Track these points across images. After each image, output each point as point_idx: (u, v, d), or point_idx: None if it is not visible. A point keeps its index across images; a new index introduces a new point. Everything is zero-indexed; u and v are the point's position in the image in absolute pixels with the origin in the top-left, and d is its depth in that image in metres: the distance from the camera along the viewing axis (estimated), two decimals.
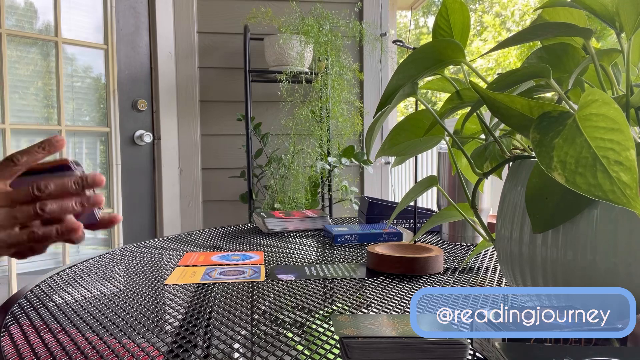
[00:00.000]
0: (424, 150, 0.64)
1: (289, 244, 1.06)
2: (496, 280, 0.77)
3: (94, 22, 2.15)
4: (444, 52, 0.55)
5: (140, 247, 1.05)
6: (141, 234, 2.30)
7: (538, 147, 0.41)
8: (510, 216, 0.53)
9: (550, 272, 0.48)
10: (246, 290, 0.71)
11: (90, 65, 2.19)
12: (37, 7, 2.02)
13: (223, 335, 0.54)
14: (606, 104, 0.40)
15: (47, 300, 0.68)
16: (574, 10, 0.55)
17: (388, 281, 0.75)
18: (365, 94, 2.43)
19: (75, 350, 0.50)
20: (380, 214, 1.26)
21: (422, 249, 0.84)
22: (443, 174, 1.05)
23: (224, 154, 2.35)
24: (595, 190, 0.37)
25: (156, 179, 2.32)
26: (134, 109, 2.25)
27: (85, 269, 0.86)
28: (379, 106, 0.57)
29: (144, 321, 0.58)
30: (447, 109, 0.57)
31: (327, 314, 0.61)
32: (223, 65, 2.34)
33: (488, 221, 1.00)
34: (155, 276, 0.80)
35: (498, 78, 0.50)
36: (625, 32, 0.48)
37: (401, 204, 0.66)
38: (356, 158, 2.14)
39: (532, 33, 0.51)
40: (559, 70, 0.54)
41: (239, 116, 2.17)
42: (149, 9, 2.26)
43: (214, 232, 1.22)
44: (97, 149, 2.21)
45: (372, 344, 0.42)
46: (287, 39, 2.06)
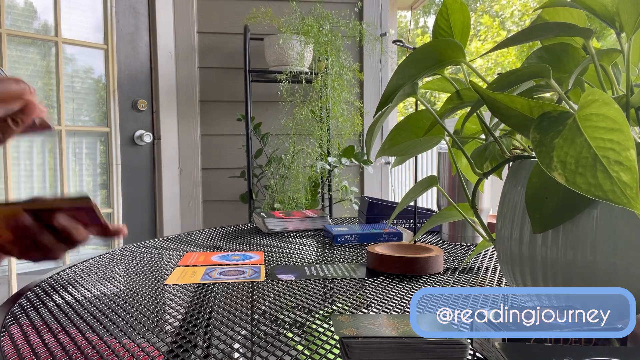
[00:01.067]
0: (424, 150, 0.64)
1: (289, 244, 1.06)
2: (496, 280, 0.77)
3: (93, 22, 2.15)
4: (444, 52, 0.55)
5: (140, 247, 1.05)
6: (141, 234, 2.30)
7: (538, 147, 0.41)
8: (510, 216, 0.53)
9: (550, 272, 0.48)
10: (246, 290, 0.71)
11: (90, 65, 2.19)
12: (36, 7, 2.02)
13: (223, 335, 0.54)
14: (606, 104, 0.40)
15: (47, 300, 0.68)
16: (574, 10, 0.55)
17: (388, 281, 0.75)
18: (365, 94, 2.43)
19: (75, 350, 0.50)
20: (380, 214, 1.26)
21: (422, 249, 0.84)
22: (443, 174, 1.05)
23: (224, 154, 2.35)
24: (595, 190, 0.37)
25: (156, 179, 2.32)
26: (134, 109, 2.25)
27: (85, 269, 0.86)
28: (379, 106, 0.57)
29: (144, 321, 0.58)
30: (447, 109, 0.57)
31: (327, 314, 0.61)
32: (223, 65, 2.34)
33: (488, 221, 1.00)
34: (155, 276, 0.80)
35: (498, 78, 0.50)
36: (625, 32, 0.48)
37: (401, 204, 0.66)
38: (356, 158, 2.14)
39: (532, 33, 0.51)
40: (559, 70, 0.54)
41: (239, 116, 2.17)
42: (149, 9, 2.26)
43: (214, 232, 1.22)
44: (97, 149, 2.21)
45: (372, 344, 0.42)
46: (287, 39, 2.06)
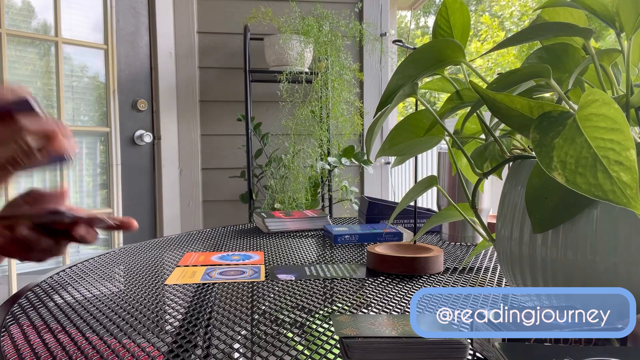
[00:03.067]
0: (424, 150, 0.64)
1: (289, 244, 1.06)
2: (496, 280, 0.77)
3: (93, 22, 2.15)
4: (444, 52, 0.55)
5: (140, 247, 1.05)
6: (141, 234, 2.30)
7: (538, 147, 0.41)
8: (510, 216, 0.53)
9: (550, 272, 0.48)
10: (246, 290, 0.71)
11: (90, 65, 2.19)
12: (36, 7, 2.02)
13: (223, 335, 0.54)
14: (606, 104, 0.40)
15: (47, 300, 0.68)
16: (574, 10, 0.55)
17: (388, 281, 0.75)
18: (365, 94, 2.43)
19: (75, 350, 0.50)
20: (380, 214, 1.26)
21: (422, 249, 0.84)
22: (443, 174, 1.05)
23: (224, 154, 2.35)
24: (595, 190, 0.37)
25: (156, 179, 2.32)
26: (134, 109, 2.25)
27: (85, 269, 0.86)
28: (379, 106, 0.57)
29: (144, 321, 0.58)
30: (447, 109, 0.57)
31: (327, 314, 0.61)
32: (223, 65, 2.33)
33: (488, 221, 1.00)
34: (155, 276, 0.80)
35: (498, 78, 0.50)
36: (625, 32, 0.48)
37: (401, 204, 0.66)
38: (356, 158, 2.14)
39: (532, 33, 0.51)
40: (559, 70, 0.54)
41: (239, 116, 2.17)
42: (149, 8, 2.26)
43: (214, 232, 1.22)
44: (97, 149, 2.21)
45: (372, 344, 0.42)
46: (287, 39, 2.06)
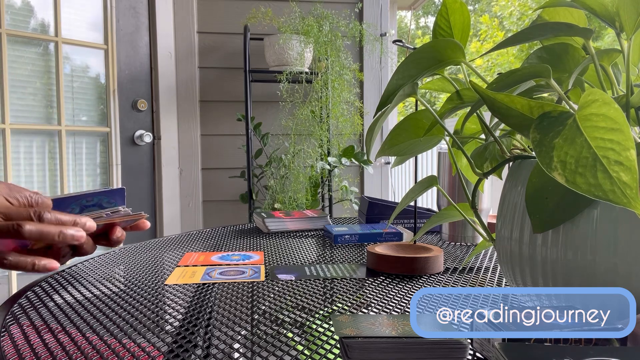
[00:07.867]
0: (424, 150, 0.64)
1: (289, 244, 1.06)
2: (496, 280, 0.77)
3: (93, 22, 2.15)
4: (444, 52, 0.55)
5: (140, 247, 1.05)
6: (141, 234, 2.30)
7: (538, 147, 0.41)
8: (510, 216, 0.53)
9: (550, 272, 0.48)
10: (246, 290, 0.71)
11: (90, 65, 2.19)
12: (35, 7, 2.02)
13: (223, 335, 0.54)
14: (606, 104, 0.40)
15: (47, 300, 0.68)
16: (574, 10, 0.55)
17: (388, 281, 0.75)
18: (365, 94, 2.43)
19: (75, 350, 0.50)
20: (380, 214, 1.26)
21: (422, 249, 0.84)
22: (443, 174, 1.05)
23: (224, 154, 2.35)
24: (595, 190, 0.37)
25: (156, 179, 2.32)
26: (134, 109, 2.25)
27: (85, 269, 0.86)
28: (379, 106, 0.57)
29: (144, 321, 0.58)
30: (447, 109, 0.57)
31: (327, 314, 0.61)
32: (223, 65, 2.34)
33: (488, 221, 1.00)
34: (155, 276, 0.80)
35: (498, 78, 0.50)
36: (626, 32, 0.48)
37: (401, 204, 0.66)
38: (356, 158, 2.14)
39: (532, 33, 0.51)
40: (559, 70, 0.54)
41: (239, 116, 2.17)
42: (149, 8, 2.26)
43: (214, 232, 1.22)
44: (97, 149, 2.21)
45: (372, 344, 0.42)
46: (287, 39, 2.06)
